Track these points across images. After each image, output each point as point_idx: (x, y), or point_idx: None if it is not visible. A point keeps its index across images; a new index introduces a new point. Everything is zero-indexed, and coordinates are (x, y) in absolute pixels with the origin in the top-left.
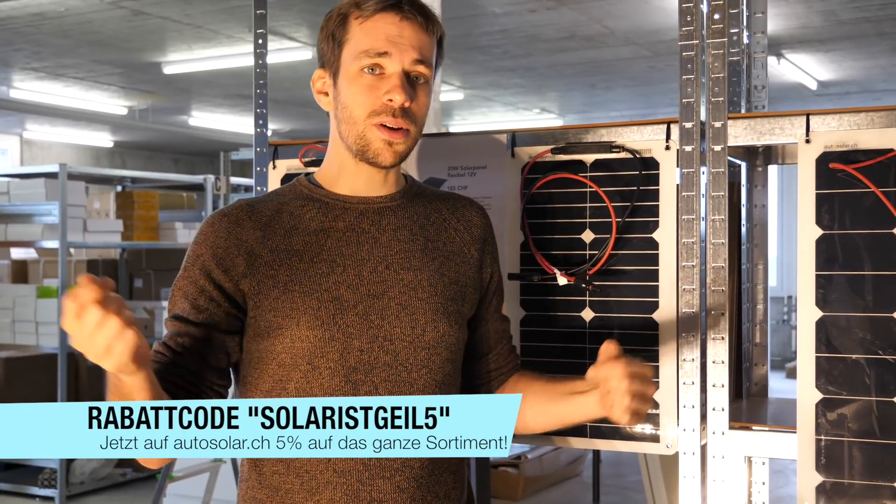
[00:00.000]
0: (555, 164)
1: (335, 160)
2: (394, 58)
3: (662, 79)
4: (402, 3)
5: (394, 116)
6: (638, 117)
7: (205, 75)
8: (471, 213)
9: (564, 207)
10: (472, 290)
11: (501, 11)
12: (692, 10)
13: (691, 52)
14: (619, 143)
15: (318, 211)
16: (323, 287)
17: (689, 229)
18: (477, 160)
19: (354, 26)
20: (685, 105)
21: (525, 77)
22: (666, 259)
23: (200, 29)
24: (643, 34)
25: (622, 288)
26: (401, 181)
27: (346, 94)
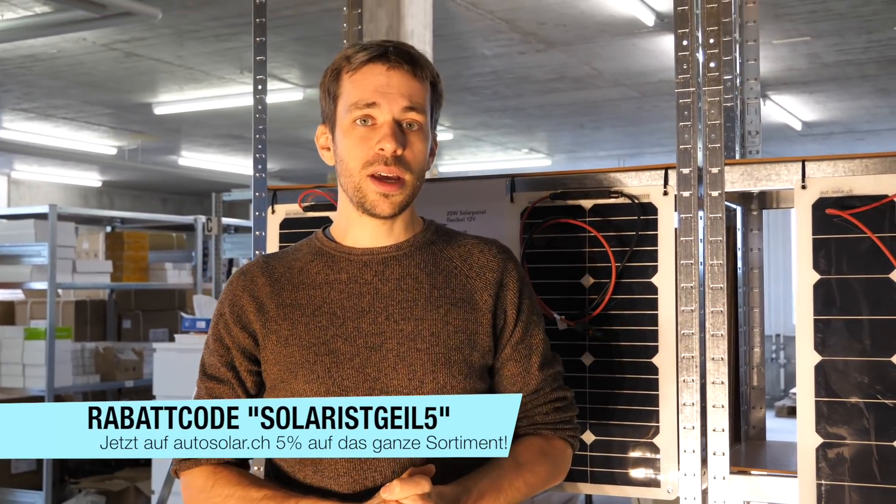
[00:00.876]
0: (554, 209)
1: (343, 213)
2: (383, 107)
3: (650, 119)
4: (389, 53)
5: (386, 165)
6: (626, 157)
7: (195, 116)
8: (486, 258)
9: (564, 252)
10: (485, 337)
11: (491, 53)
12: (688, 59)
13: (688, 99)
14: (617, 188)
15: (324, 264)
16: (320, 340)
17: (687, 274)
18: (476, 205)
19: (345, 80)
20: (682, 151)
21: (514, 117)
22: (665, 304)
23: (192, 70)
24: (631, 76)
25: (622, 332)
26: (413, 228)
27: (342, 147)
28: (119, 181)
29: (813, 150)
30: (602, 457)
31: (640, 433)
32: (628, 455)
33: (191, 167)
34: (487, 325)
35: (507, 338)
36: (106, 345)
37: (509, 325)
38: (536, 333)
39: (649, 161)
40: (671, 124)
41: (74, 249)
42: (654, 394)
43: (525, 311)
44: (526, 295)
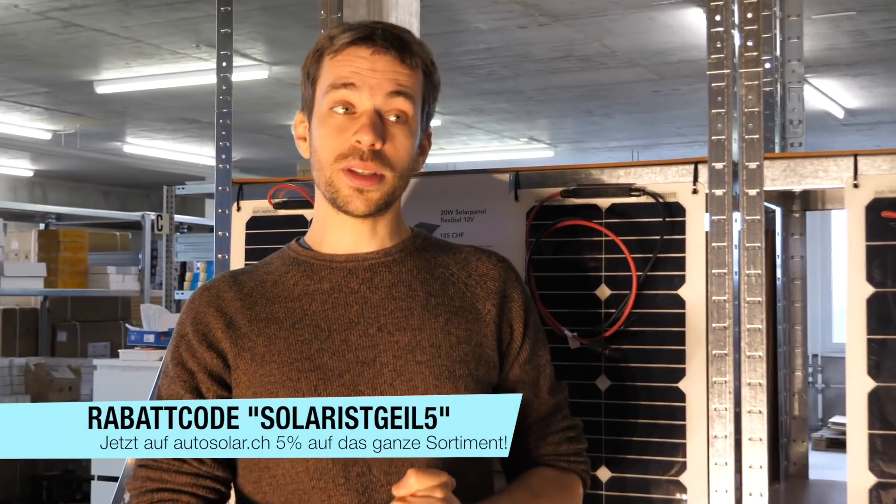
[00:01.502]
0: (565, 209)
1: (320, 216)
2: (362, 93)
3: (669, 105)
4: (376, 35)
5: (362, 160)
6: (640, 148)
7: (143, 96)
8: (486, 266)
9: (576, 259)
10: (490, 351)
11: (487, 27)
12: (722, 36)
13: (722, 82)
14: (639, 185)
15: (302, 274)
16: (303, 355)
17: (720, 285)
18: (475, 203)
19: (326, 62)
20: (715, 143)
21: (512, 101)
22: (694, 320)
23: (140, 43)
24: (647, 54)
25: (643, 352)
26: (400, 234)
27: (316, 136)
28: (54, 171)
29: (856, 141)
30: (619, 497)
31: (663, 470)
32: (650, 495)
33: (138, 156)
34: (492, 337)
35: (513, 355)
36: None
37: (516, 340)
38: (543, 354)
39: (667, 154)
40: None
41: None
42: (680, 424)
43: (532, 328)
44: (532, 310)
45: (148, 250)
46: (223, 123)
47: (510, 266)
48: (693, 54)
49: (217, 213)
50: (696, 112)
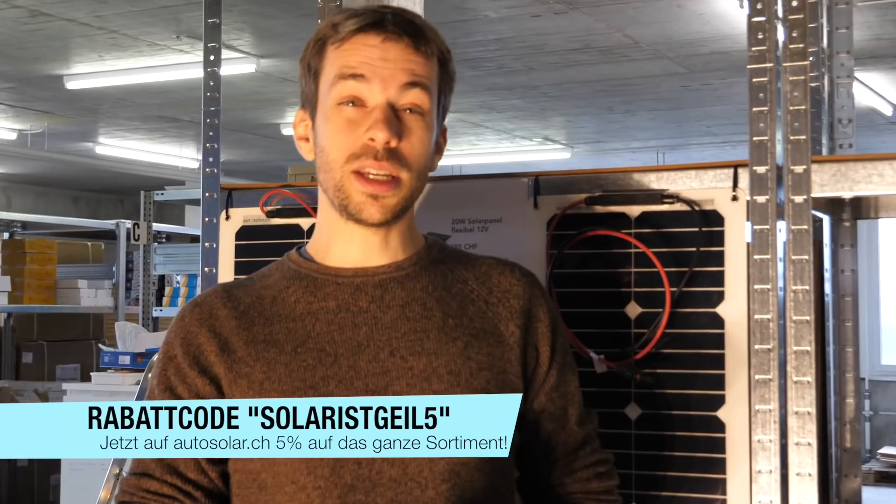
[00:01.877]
0: (590, 218)
1: (325, 223)
2: (374, 86)
3: (698, 102)
4: (386, 20)
5: (376, 159)
6: (666, 149)
7: (118, 92)
8: (509, 281)
9: (603, 273)
10: (514, 378)
11: (497, 16)
12: (764, 26)
13: (764, 77)
14: (672, 191)
15: (304, 290)
16: (307, 384)
17: (763, 302)
18: (490, 211)
19: (330, 52)
20: (757, 145)
21: (525, 98)
22: (734, 341)
23: (115, 34)
24: (675, 45)
25: (678, 377)
26: (414, 244)
27: (322, 134)
28: (19, 174)
29: None
30: None
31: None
32: None
33: (111, 157)
34: (517, 362)
35: (539, 382)
36: (0, 384)
37: (542, 366)
38: (571, 379)
39: (696, 155)
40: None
41: None
42: (719, 457)
43: (560, 351)
44: (560, 331)
45: (123, 262)
46: (211, 123)
47: (536, 281)
48: (726, 45)
49: (203, 221)
50: (729, 109)
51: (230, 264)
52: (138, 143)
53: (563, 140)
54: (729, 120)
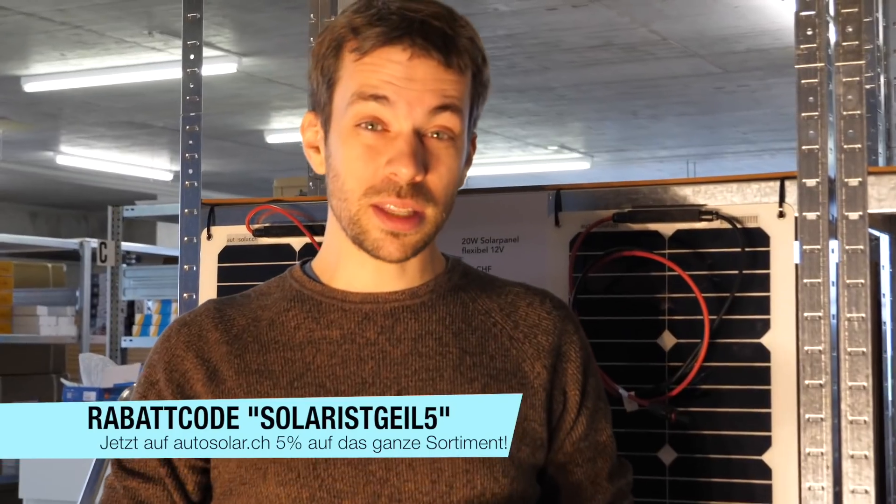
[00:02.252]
0: (618, 237)
1: (333, 243)
2: (398, 108)
3: (733, 105)
4: (413, 30)
5: (399, 196)
6: (697, 158)
7: (82, 94)
8: (538, 314)
9: (633, 299)
10: (538, 426)
11: (508, 9)
12: (814, 21)
13: (814, 79)
14: (711, 206)
15: (306, 315)
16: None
17: (814, 332)
18: (505, 229)
19: (349, 61)
20: (806, 154)
21: (539, 101)
22: (781, 375)
23: (79, 30)
24: (707, 42)
25: (718, 417)
26: (433, 267)
27: (338, 158)
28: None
29: None
30: None
31: None
32: None
33: (73, 168)
34: (541, 408)
35: (566, 430)
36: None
37: (570, 412)
38: (604, 428)
39: (729, 165)
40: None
41: None
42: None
43: (591, 396)
44: (592, 371)
45: (87, 286)
46: (190, 130)
47: (568, 314)
48: (764, 42)
49: (182, 241)
50: (768, 114)
51: (212, 289)
52: (104, 153)
53: (581, 148)
54: (767, 126)
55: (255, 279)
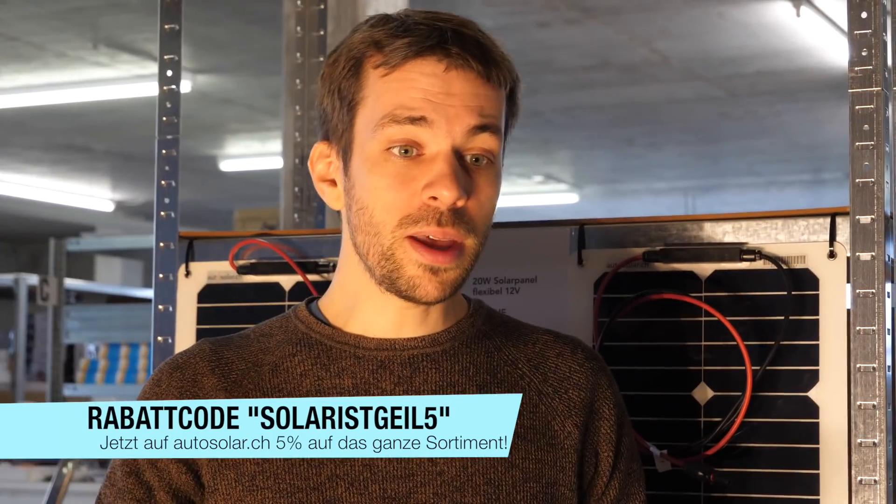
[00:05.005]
0: (649, 278)
1: (350, 284)
2: (438, 128)
3: (740, 133)
4: (447, 39)
5: (439, 225)
6: (696, 191)
7: (15, 114)
8: (569, 367)
9: (665, 347)
10: (568, 491)
11: (494, 25)
12: (871, 41)
13: (870, 104)
14: (753, 245)
15: (314, 361)
16: (310, 484)
17: (868, 385)
18: (521, 269)
19: (374, 79)
20: (860, 188)
21: (524, 126)
22: (831, 432)
23: (15, 42)
24: (712, 63)
25: (760, 479)
26: (455, 311)
27: (364, 189)
28: None
29: None
30: None
31: None
32: None
33: (4, 196)
34: (571, 471)
35: (597, 495)
36: None
37: (602, 475)
38: (637, 492)
39: (732, 199)
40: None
41: None
42: None
43: (625, 457)
44: (626, 430)
45: (23, 328)
46: (167, 154)
47: (602, 366)
48: (776, 64)
49: (157, 278)
50: (777, 143)
51: (191, 332)
52: (38, 179)
53: (569, 180)
54: (775, 156)
55: (240, 322)
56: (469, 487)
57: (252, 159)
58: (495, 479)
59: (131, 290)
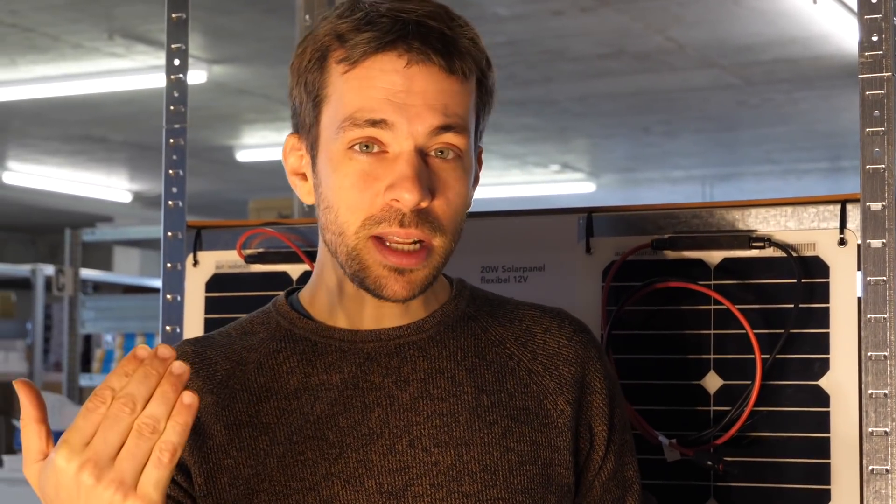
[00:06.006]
0: (658, 266)
1: (327, 277)
2: (399, 129)
3: (757, 121)
4: (409, 32)
5: (402, 225)
6: (714, 179)
7: (33, 106)
8: (557, 341)
9: (674, 336)
10: (564, 469)
11: (508, 13)
12: (881, 25)
13: (880, 90)
14: (763, 232)
15: (299, 358)
16: (306, 485)
17: (879, 374)
18: (529, 257)
19: (336, 75)
20: (871, 174)
21: (541, 115)
22: (842, 421)
23: (31, 34)
24: (728, 51)
25: (771, 467)
26: (438, 294)
27: (329, 186)
28: None
29: None
30: None
31: None
32: None
33: (21, 188)
34: (566, 451)
35: (594, 470)
36: None
37: (598, 449)
38: (630, 462)
39: (750, 187)
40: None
41: None
42: None
43: (618, 429)
44: (618, 402)
45: (40, 318)
46: (175, 144)
47: (590, 338)
48: (793, 51)
49: (164, 268)
50: (794, 131)
51: (199, 321)
52: (56, 170)
53: (586, 168)
54: (793, 144)
55: (247, 311)
56: (465, 475)
57: (268, 149)
58: (491, 465)
59: (147, 281)
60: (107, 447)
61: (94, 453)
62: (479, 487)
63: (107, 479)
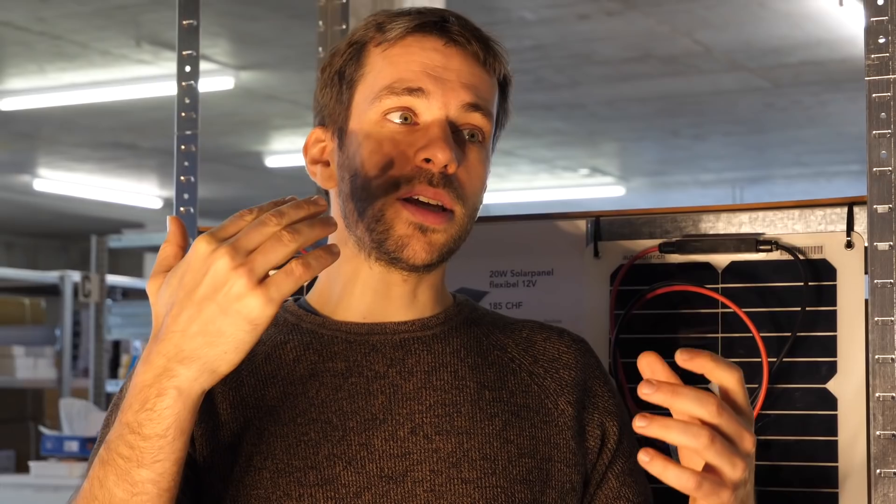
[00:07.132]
0: (665, 270)
1: (335, 270)
2: (433, 100)
3: (786, 124)
4: (449, 21)
5: (431, 184)
6: (744, 182)
7: (63, 112)
8: (556, 348)
9: (682, 339)
10: (565, 467)
11: (535, 17)
12: (887, 27)
13: (886, 92)
14: (770, 235)
15: (305, 347)
16: (308, 464)
17: (886, 377)
18: (538, 261)
19: (375, 55)
20: (878, 177)
21: (569, 119)
22: (849, 424)
23: (60, 41)
24: (756, 54)
25: (778, 471)
26: (443, 300)
27: (358, 154)
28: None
29: None
30: None
31: None
32: None
33: (52, 194)
34: (566, 448)
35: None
36: None
37: (609, 443)
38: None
39: (780, 191)
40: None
41: None
42: None
43: (628, 430)
44: (624, 410)
45: (69, 324)
46: (186, 150)
47: (588, 349)
48: (820, 53)
49: None
50: (823, 133)
51: None
52: (87, 177)
53: (615, 172)
54: (823, 146)
55: None
56: (465, 462)
57: (297, 155)
58: (491, 454)
59: None
60: (247, 241)
61: (235, 242)
62: (478, 475)
63: (240, 266)
